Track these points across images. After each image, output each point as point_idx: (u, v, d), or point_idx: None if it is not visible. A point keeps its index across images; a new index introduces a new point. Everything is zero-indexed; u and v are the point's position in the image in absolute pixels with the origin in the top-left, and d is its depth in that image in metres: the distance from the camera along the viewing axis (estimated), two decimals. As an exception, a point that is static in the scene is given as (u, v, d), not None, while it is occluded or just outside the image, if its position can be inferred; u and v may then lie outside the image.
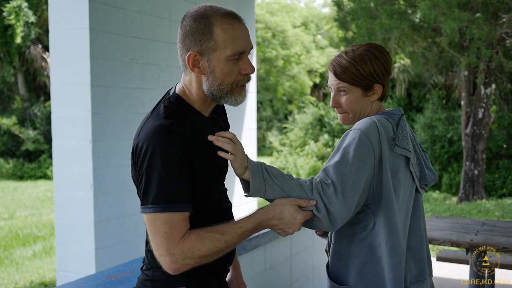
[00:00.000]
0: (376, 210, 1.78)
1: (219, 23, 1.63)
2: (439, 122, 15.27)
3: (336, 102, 1.92)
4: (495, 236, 3.83)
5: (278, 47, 23.36)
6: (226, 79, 1.67)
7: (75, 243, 4.19)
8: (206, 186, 1.70)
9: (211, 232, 1.60)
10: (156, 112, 1.69)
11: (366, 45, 1.91)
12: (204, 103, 1.75)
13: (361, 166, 1.71)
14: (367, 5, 11.56)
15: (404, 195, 1.82)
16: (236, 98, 1.72)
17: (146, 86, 4.63)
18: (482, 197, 11.99)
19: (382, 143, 1.75)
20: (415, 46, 11.59)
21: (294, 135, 20.05)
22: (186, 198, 1.60)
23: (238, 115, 6.02)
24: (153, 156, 1.57)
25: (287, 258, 3.96)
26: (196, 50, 1.65)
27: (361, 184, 1.70)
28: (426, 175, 1.93)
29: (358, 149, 1.71)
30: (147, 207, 1.58)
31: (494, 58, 10.95)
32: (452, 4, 9.62)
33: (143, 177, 1.60)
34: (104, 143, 4.20)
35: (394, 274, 1.76)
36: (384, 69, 1.88)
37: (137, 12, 4.52)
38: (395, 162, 1.78)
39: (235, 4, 5.90)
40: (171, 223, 1.57)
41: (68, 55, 4.17)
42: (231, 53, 1.64)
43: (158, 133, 1.59)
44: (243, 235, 1.64)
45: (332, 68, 1.91)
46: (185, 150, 1.60)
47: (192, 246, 1.56)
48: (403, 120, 1.86)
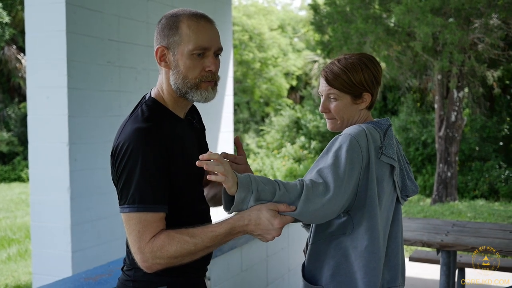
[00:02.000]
0: (356, 216, 1.82)
1: (186, 20, 1.72)
2: (414, 125, 15.50)
3: (325, 107, 1.97)
4: (465, 237, 3.94)
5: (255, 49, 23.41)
6: (190, 73, 1.72)
7: (51, 246, 4.19)
8: (183, 188, 1.75)
9: (181, 233, 1.63)
10: (135, 115, 1.74)
11: (359, 54, 1.97)
12: (177, 103, 1.80)
13: (352, 168, 1.75)
14: (343, 9, 11.69)
15: (386, 203, 1.87)
16: (202, 93, 1.75)
17: (123, 89, 4.64)
18: (455, 198, 12.20)
19: (370, 150, 1.80)
20: (390, 50, 11.76)
21: (271, 137, 20.13)
22: (161, 199, 1.65)
23: (215, 117, 6.06)
24: (131, 157, 1.63)
25: (263, 259, 4.01)
26: (164, 45, 1.74)
27: (350, 187, 1.75)
28: (408, 186, 1.98)
29: (349, 152, 1.76)
30: (124, 206, 1.64)
31: (466, 62, 11.17)
32: (425, 10, 9.80)
33: (121, 178, 1.65)
34: (81, 146, 4.20)
35: (370, 279, 1.81)
36: (374, 79, 1.93)
37: (114, 15, 4.53)
38: (380, 171, 1.84)
39: (213, 7, 5.94)
40: (144, 222, 1.62)
41: (45, 58, 4.16)
42: (193, 47, 1.70)
43: (137, 135, 1.64)
44: (215, 239, 1.64)
45: (324, 75, 1.96)
46: (162, 153, 1.65)
47: (161, 246, 1.61)
48: (391, 130, 1.92)
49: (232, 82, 6.47)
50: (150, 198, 1.63)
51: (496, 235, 4.02)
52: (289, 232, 4.41)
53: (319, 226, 1.92)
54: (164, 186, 1.67)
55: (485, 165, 14.11)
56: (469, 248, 3.68)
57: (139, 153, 1.62)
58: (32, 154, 4.29)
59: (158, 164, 1.64)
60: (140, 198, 1.62)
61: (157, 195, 1.64)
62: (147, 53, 4.88)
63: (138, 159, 1.62)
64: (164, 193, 1.67)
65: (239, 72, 22.91)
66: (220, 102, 6.19)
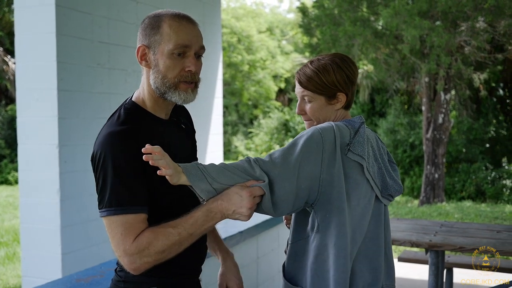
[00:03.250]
0: (321, 211, 1.80)
1: (168, 20, 1.73)
2: (401, 127, 15.60)
3: (301, 109, 1.98)
4: (453, 237, 3.98)
5: (243, 52, 23.45)
6: (169, 73, 1.72)
7: (41, 248, 4.17)
8: (164, 188, 1.72)
9: (164, 227, 1.63)
10: (111, 120, 1.76)
11: (331, 55, 1.96)
12: (157, 103, 1.80)
13: (306, 158, 1.74)
14: (331, 12, 11.76)
15: (358, 200, 1.83)
16: (181, 94, 1.74)
17: (113, 91, 4.64)
18: (442, 200, 12.30)
19: (337, 146, 1.79)
20: (378, 52, 11.84)
21: (259, 139, 20.17)
22: (139, 200, 1.65)
23: (204, 120, 6.08)
24: (104, 162, 1.64)
25: (253, 261, 4.03)
26: (145, 44, 1.75)
27: (302, 174, 1.73)
28: (389, 185, 1.94)
29: (307, 141, 1.76)
30: (102, 210, 1.64)
31: (453, 65, 11.28)
32: (413, 13, 9.89)
33: (98, 183, 1.66)
34: (71, 148, 4.20)
35: (339, 275, 1.78)
36: (347, 78, 1.93)
37: (104, 17, 4.53)
38: (349, 167, 1.81)
39: (202, 9, 5.95)
40: (126, 224, 1.62)
41: (34, 60, 4.16)
42: (173, 46, 1.70)
43: (109, 140, 1.65)
44: (195, 225, 1.65)
45: (297, 77, 1.97)
46: (136, 155, 1.63)
47: (148, 243, 1.61)
48: (363, 128, 1.89)
49: (221, 84, 6.48)
50: (127, 200, 1.63)
51: (484, 235, 4.07)
52: (279, 233, 4.43)
53: (296, 226, 1.91)
54: (141, 188, 1.66)
55: (472, 166, 14.24)
56: (457, 248, 3.72)
57: (111, 157, 1.63)
58: (22, 156, 4.27)
59: (131, 167, 1.64)
60: (117, 200, 1.62)
61: (134, 197, 1.64)
62: (137, 55, 4.88)
63: (110, 163, 1.63)
64: (142, 194, 1.67)
65: (228, 74, 22.93)
66: (210, 105, 6.20)
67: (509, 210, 10.78)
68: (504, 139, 15.18)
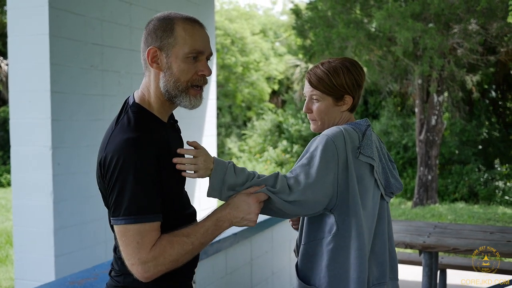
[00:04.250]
0: (341, 215, 1.90)
1: (181, 23, 1.72)
2: (394, 129, 15.65)
3: (308, 108, 2.07)
4: (446, 238, 4.00)
5: (237, 53, 23.45)
6: (182, 76, 1.71)
7: (34, 251, 4.15)
8: (173, 193, 1.75)
9: (178, 236, 1.65)
10: (121, 124, 1.71)
11: (342, 58, 2.06)
12: (162, 107, 1.78)
13: (326, 168, 1.84)
14: (324, 14, 11.78)
15: (370, 201, 1.94)
16: (191, 99, 1.74)
17: (106, 93, 4.63)
18: (435, 201, 12.34)
19: (348, 150, 1.88)
20: (371, 54, 11.88)
21: (253, 141, 20.16)
22: (156, 208, 1.64)
23: (198, 122, 6.07)
24: (123, 168, 1.60)
25: (247, 262, 4.02)
26: (156, 46, 1.72)
27: (324, 185, 1.84)
28: (391, 183, 2.05)
29: (323, 152, 1.85)
30: (118, 219, 1.61)
31: (446, 67, 11.33)
32: (406, 15, 9.92)
33: (113, 190, 1.62)
34: (64, 150, 4.18)
35: (358, 275, 1.88)
36: (355, 82, 2.03)
37: (97, 19, 4.52)
38: (360, 170, 1.91)
39: (195, 11, 5.95)
40: (143, 233, 1.60)
41: (28, 61, 4.14)
42: (188, 50, 1.70)
43: (127, 146, 1.62)
44: (206, 234, 1.69)
45: (307, 77, 2.06)
46: (154, 161, 1.64)
47: (163, 252, 1.61)
48: (369, 130, 2.00)
49: (215, 86, 6.48)
50: (146, 209, 1.61)
51: (477, 236, 4.09)
52: (273, 235, 4.43)
53: (309, 227, 2.00)
54: (157, 195, 1.66)
55: (465, 168, 14.29)
56: (451, 249, 3.74)
57: (131, 164, 1.60)
58: (15, 158, 4.25)
59: (150, 173, 1.63)
60: (137, 209, 1.60)
61: (152, 205, 1.63)
62: (130, 57, 4.88)
63: (130, 170, 1.60)
64: (158, 201, 1.66)
65: (221, 76, 22.92)
66: (203, 106, 6.20)
67: (501, 212, 10.83)
68: (496, 140, 15.26)
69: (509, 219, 9.61)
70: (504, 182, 13.96)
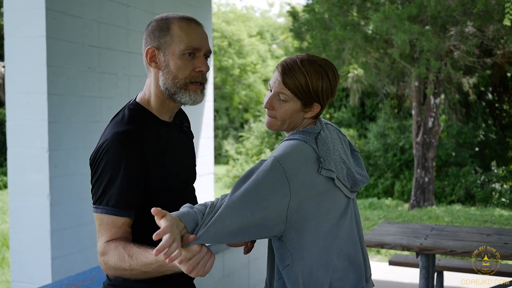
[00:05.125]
0: (294, 241, 1.69)
1: (177, 22, 1.75)
2: (391, 131, 15.66)
3: (271, 105, 1.81)
4: (443, 240, 4.00)
5: (234, 56, 23.47)
6: (180, 73, 1.74)
7: (31, 253, 4.14)
8: (163, 193, 1.75)
9: (126, 249, 1.60)
10: (116, 119, 1.76)
11: (323, 60, 1.82)
12: (163, 106, 1.80)
13: (267, 192, 1.62)
14: (321, 16, 11.79)
15: (334, 212, 1.77)
16: (191, 95, 1.76)
17: (104, 95, 4.62)
18: (432, 203, 12.36)
19: (304, 169, 1.68)
20: (368, 57, 11.89)
21: (250, 143, 20.15)
22: (128, 204, 1.66)
23: (195, 124, 6.05)
24: (103, 159, 1.66)
25: (244, 265, 4.02)
26: (154, 45, 1.76)
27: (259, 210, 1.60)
28: (358, 181, 1.86)
29: (266, 175, 1.63)
30: (93, 207, 1.70)
31: (442, 69, 11.35)
32: (403, 17, 9.94)
33: (93, 178, 1.70)
34: (61, 152, 4.17)
35: None
36: (330, 90, 1.81)
37: (94, 21, 4.52)
38: (324, 184, 1.72)
39: (192, 13, 5.93)
40: (106, 225, 1.66)
41: (25, 63, 4.13)
42: (184, 47, 1.73)
43: (114, 139, 1.66)
44: (148, 267, 1.55)
45: (281, 71, 1.79)
46: (140, 157, 1.67)
47: (106, 254, 1.63)
48: (319, 139, 1.79)
49: (212, 88, 6.48)
50: (115, 202, 1.65)
51: (474, 238, 4.09)
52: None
53: (271, 261, 1.82)
54: (135, 191, 1.67)
55: (462, 170, 14.31)
56: (448, 251, 3.74)
57: (113, 156, 1.65)
58: (11, 160, 4.25)
59: (131, 168, 1.66)
60: (107, 200, 1.66)
61: (124, 199, 1.65)
62: (127, 59, 4.87)
63: (111, 161, 1.65)
64: (133, 197, 1.67)
65: (218, 78, 22.93)
66: (200, 108, 6.20)
67: (498, 214, 10.85)
68: (493, 143, 15.29)
69: (505, 221, 9.63)
70: (501, 184, 13.99)
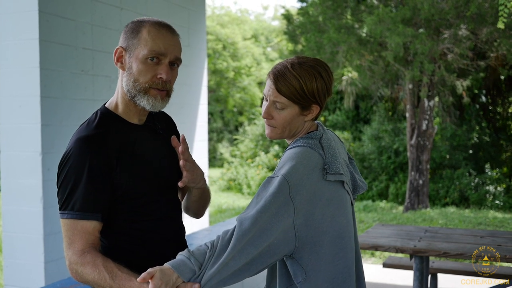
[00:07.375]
0: (304, 259, 1.67)
1: (148, 26, 1.76)
2: (386, 134, 15.69)
3: (269, 114, 1.79)
4: (437, 242, 4.01)
5: (228, 59, 23.47)
6: (141, 77, 1.73)
7: (24, 257, 4.12)
8: (132, 195, 1.74)
9: (106, 268, 1.60)
10: (81, 126, 1.78)
11: (313, 60, 1.77)
12: (128, 108, 1.81)
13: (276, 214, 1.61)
14: (315, 19, 11.81)
15: (345, 216, 1.75)
16: (149, 99, 1.74)
17: (97, 98, 4.62)
18: (426, 206, 12.38)
19: (309, 182, 1.65)
20: (362, 59, 11.92)
21: (244, 146, 20.14)
22: (94, 207, 1.66)
23: (189, 127, 6.06)
24: (66, 165, 1.67)
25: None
26: (123, 46, 1.78)
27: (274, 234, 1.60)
28: (359, 186, 1.87)
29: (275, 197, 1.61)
30: (59, 213, 1.69)
31: (436, 72, 11.39)
32: (396, 20, 9.97)
33: (57, 185, 1.71)
34: (54, 155, 4.16)
35: None
36: (326, 90, 1.77)
37: (87, 24, 4.51)
38: (331, 190, 1.70)
39: (186, 16, 5.95)
40: (74, 230, 1.65)
41: (18, 66, 4.12)
42: (147, 52, 1.73)
43: (77, 145, 1.68)
44: None
45: (273, 78, 1.76)
46: (104, 160, 1.67)
47: (82, 265, 1.61)
48: (324, 141, 1.77)
49: (206, 91, 6.48)
50: (80, 206, 1.65)
51: (468, 240, 4.10)
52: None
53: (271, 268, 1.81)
54: (99, 195, 1.67)
55: (456, 173, 14.35)
56: (441, 254, 3.75)
57: (76, 162, 1.65)
58: (4, 164, 4.23)
59: (93, 173, 1.66)
60: (71, 205, 1.65)
61: (88, 203, 1.65)
62: (121, 62, 4.87)
63: (74, 167, 1.65)
64: (98, 201, 1.67)
65: (213, 81, 22.92)
66: (195, 111, 6.19)
67: (492, 216, 10.88)
68: (487, 145, 15.34)
69: (499, 223, 9.65)
70: (495, 187, 14.03)
